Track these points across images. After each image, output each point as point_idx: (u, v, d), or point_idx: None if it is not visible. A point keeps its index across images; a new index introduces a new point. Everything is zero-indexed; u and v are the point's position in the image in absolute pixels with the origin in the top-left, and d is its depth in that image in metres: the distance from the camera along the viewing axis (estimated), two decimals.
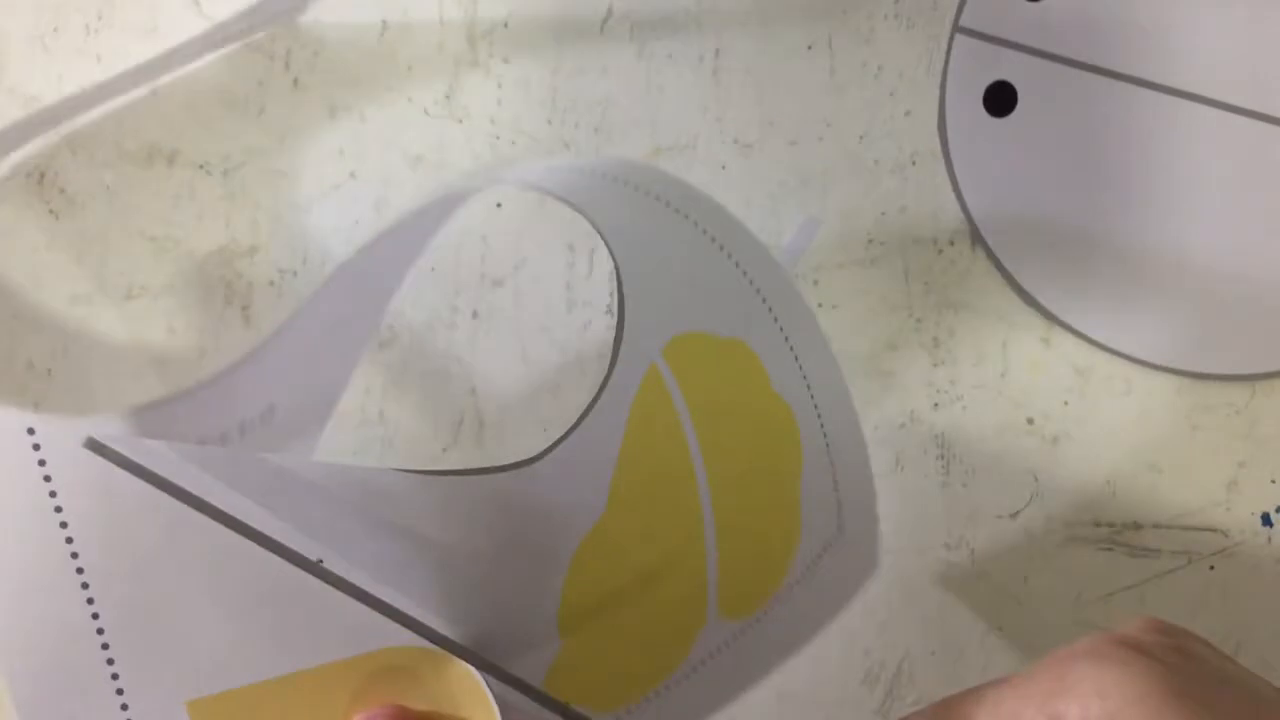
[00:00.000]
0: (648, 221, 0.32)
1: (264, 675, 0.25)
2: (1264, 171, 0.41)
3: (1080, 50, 0.41)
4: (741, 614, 0.34)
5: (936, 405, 0.42)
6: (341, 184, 0.43)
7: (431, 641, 0.26)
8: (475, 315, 0.43)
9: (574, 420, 0.30)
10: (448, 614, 0.27)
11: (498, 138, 0.43)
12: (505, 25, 0.43)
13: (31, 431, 0.24)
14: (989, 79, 0.42)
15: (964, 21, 0.42)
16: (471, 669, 0.26)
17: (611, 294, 0.43)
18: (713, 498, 0.33)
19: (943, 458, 0.42)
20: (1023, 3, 0.42)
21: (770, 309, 0.35)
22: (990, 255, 0.42)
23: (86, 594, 0.24)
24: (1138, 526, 0.42)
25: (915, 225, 0.42)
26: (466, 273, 0.43)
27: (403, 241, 0.35)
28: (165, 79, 0.44)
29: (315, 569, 0.25)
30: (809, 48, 0.43)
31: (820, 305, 0.43)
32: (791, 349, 0.35)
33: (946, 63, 0.42)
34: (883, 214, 0.43)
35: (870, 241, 0.43)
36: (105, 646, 0.25)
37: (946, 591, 0.42)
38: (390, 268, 0.36)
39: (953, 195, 0.42)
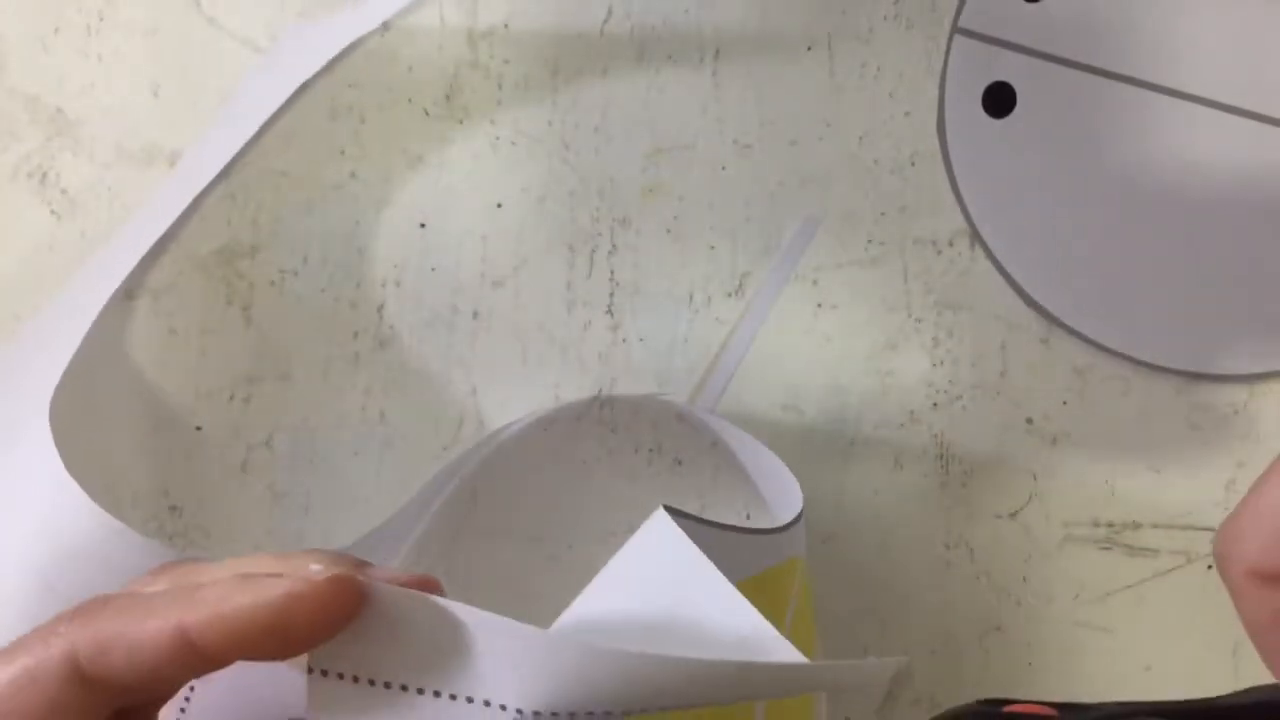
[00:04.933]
0: None
1: None
2: (1263, 171, 0.41)
3: (1079, 51, 0.41)
4: None
5: (936, 405, 0.42)
6: (342, 184, 0.43)
7: None
8: (475, 315, 0.43)
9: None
10: None
11: (498, 138, 0.43)
12: (505, 26, 0.44)
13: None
14: (988, 80, 0.42)
15: (963, 22, 0.42)
16: None
17: (611, 294, 0.43)
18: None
19: (942, 457, 0.42)
20: (1022, 4, 0.42)
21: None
22: (990, 255, 0.42)
23: None
24: (1137, 526, 0.42)
25: (915, 225, 0.42)
26: (466, 273, 0.43)
27: None
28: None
29: None
30: (809, 48, 0.43)
31: (820, 305, 0.43)
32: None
33: (946, 63, 0.42)
34: (883, 214, 0.43)
35: (870, 241, 0.43)
36: None
37: (946, 591, 0.42)
38: None
39: (952, 195, 0.42)
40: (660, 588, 0.25)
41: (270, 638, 0.24)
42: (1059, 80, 0.41)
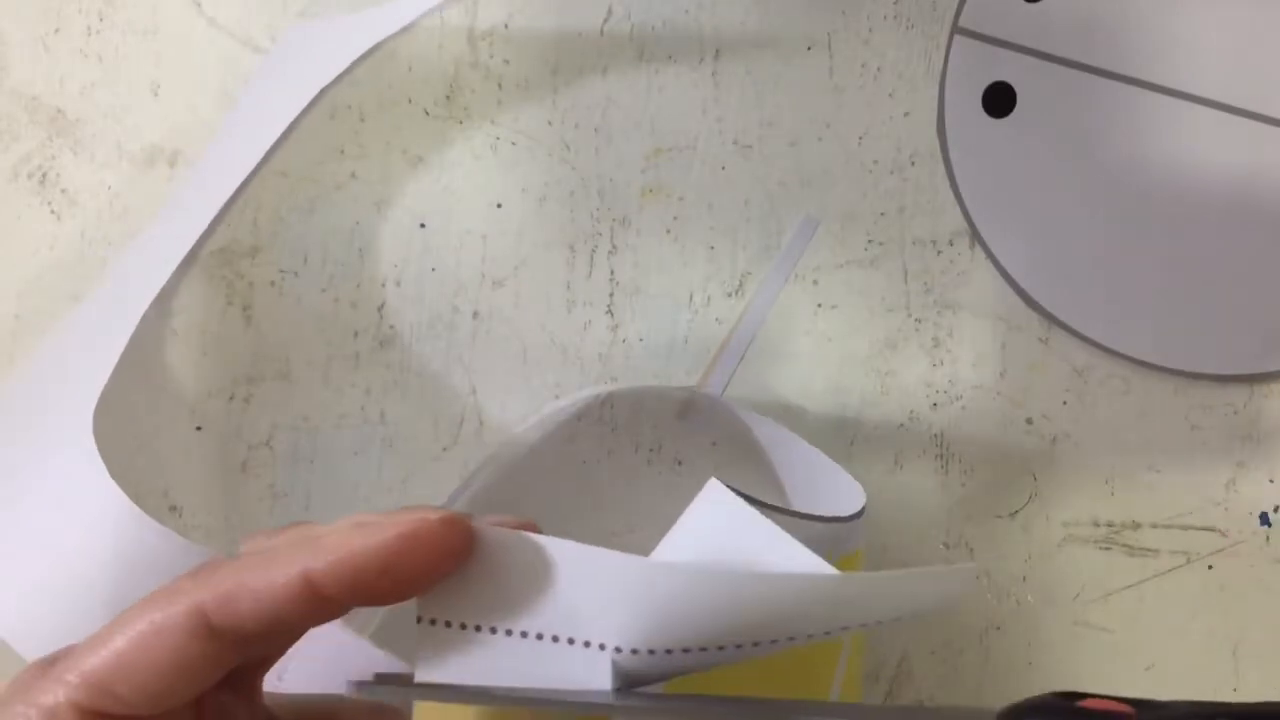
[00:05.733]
0: None
1: None
2: (1263, 171, 0.41)
3: (1079, 51, 0.41)
4: None
5: (936, 405, 0.42)
6: (342, 184, 0.43)
7: None
8: (475, 315, 0.43)
9: None
10: None
11: (498, 138, 0.43)
12: (505, 26, 0.44)
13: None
14: (988, 80, 0.42)
15: (963, 22, 0.42)
16: None
17: (611, 294, 0.43)
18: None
19: (942, 457, 0.42)
20: (1022, 4, 0.42)
21: None
22: (989, 255, 0.42)
23: None
24: (1136, 526, 0.42)
25: (915, 225, 0.42)
26: (466, 273, 0.43)
27: None
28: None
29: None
30: (809, 48, 0.43)
31: (820, 305, 0.43)
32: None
33: (946, 63, 0.42)
34: (882, 214, 0.43)
35: (870, 241, 0.43)
36: None
37: None
38: None
39: (952, 195, 0.42)
40: (725, 551, 0.25)
41: (387, 578, 0.25)
42: (1059, 80, 0.41)
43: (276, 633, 0.25)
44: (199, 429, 0.43)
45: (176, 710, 0.26)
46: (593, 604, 0.25)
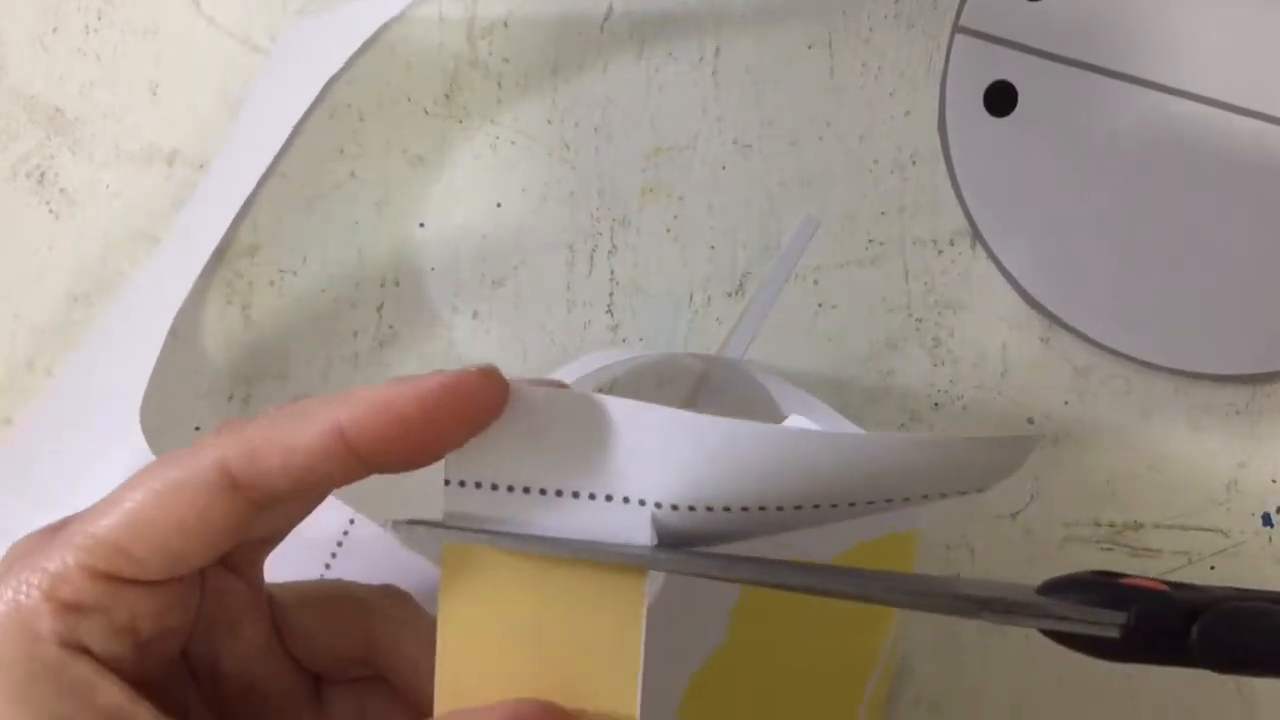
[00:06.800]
0: None
1: None
2: (1267, 170, 0.41)
3: (1081, 50, 0.41)
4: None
5: (936, 405, 0.42)
6: (342, 184, 0.43)
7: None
8: (475, 315, 0.43)
9: None
10: None
11: (497, 137, 0.43)
12: (505, 24, 0.43)
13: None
14: (989, 79, 0.42)
15: (964, 21, 0.42)
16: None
17: (611, 294, 0.43)
18: None
19: None
20: (1023, 2, 0.41)
21: None
22: (990, 255, 0.42)
23: None
24: (1138, 526, 0.42)
25: (915, 225, 0.42)
26: (466, 273, 0.43)
27: None
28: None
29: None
30: (809, 47, 0.43)
31: (820, 305, 0.43)
32: None
33: (946, 62, 0.42)
34: (883, 214, 0.42)
35: (870, 241, 0.43)
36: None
37: None
38: None
39: (953, 195, 0.42)
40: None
41: (424, 429, 0.24)
42: (1060, 79, 0.41)
43: (304, 490, 0.25)
44: (197, 429, 0.43)
45: (184, 580, 0.25)
46: (631, 459, 0.24)
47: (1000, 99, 0.42)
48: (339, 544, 0.32)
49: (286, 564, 0.28)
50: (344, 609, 0.28)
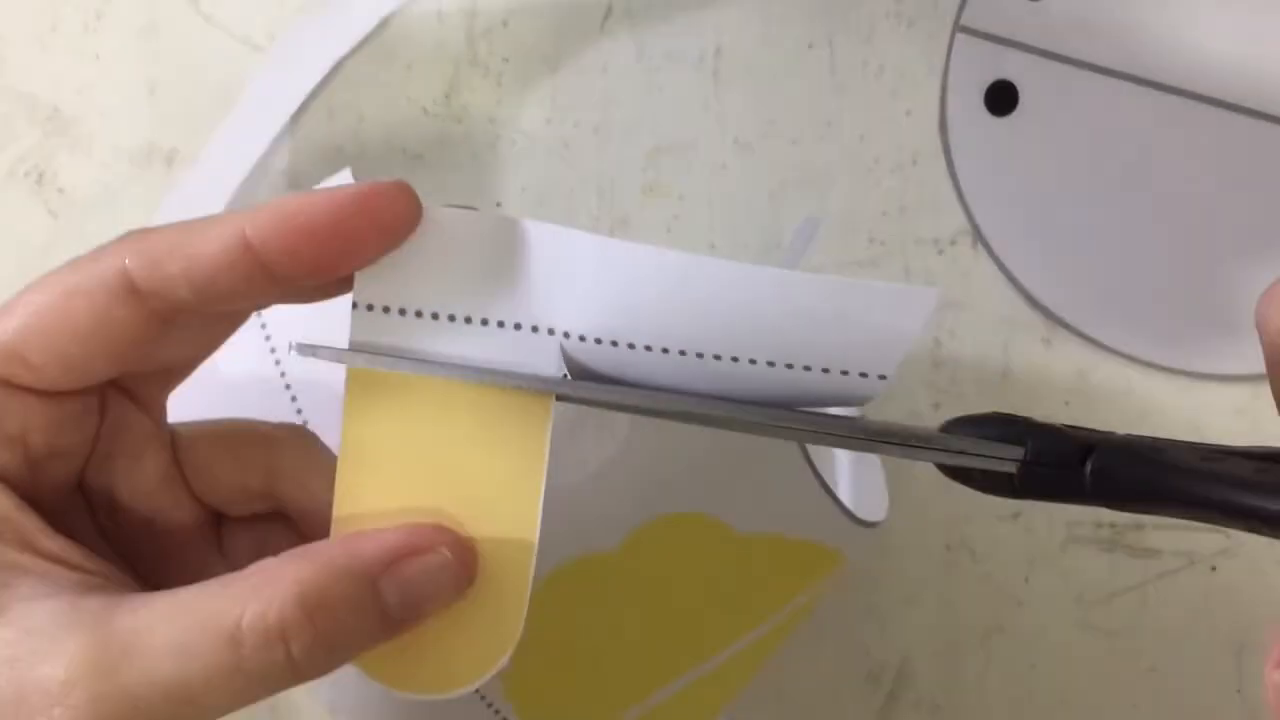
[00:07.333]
0: None
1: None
2: (1266, 170, 0.41)
3: (1081, 49, 0.41)
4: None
5: (937, 405, 0.42)
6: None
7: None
8: None
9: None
10: None
11: (498, 137, 0.43)
12: (505, 24, 0.43)
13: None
14: (990, 78, 0.42)
15: (965, 20, 0.42)
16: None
17: None
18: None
19: None
20: (1024, 2, 0.41)
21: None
22: (991, 255, 0.42)
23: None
24: (1139, 527, 0.42)
25: (915, 225, 0.42)
26: None
27: None
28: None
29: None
30: (809, 47, 0.43)
31: None
32: None
33: (947, 62, 0.42)
34: (883, 214, 0.42)
35: (870, 241, 0.42)
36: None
37: (948, 592, 0.42)
38: None
39: (954, 194, 0.42)
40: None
41: (332, 240, 0.23)
42: (1061, 78, 0.41)
43: (208, 302, 0.24)
44: None
45: (82, 396, 0.24)
46: (542, 288, 0.24)
47: (1001, 99, 0.42)
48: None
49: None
50: (248, 441, 0.27)
